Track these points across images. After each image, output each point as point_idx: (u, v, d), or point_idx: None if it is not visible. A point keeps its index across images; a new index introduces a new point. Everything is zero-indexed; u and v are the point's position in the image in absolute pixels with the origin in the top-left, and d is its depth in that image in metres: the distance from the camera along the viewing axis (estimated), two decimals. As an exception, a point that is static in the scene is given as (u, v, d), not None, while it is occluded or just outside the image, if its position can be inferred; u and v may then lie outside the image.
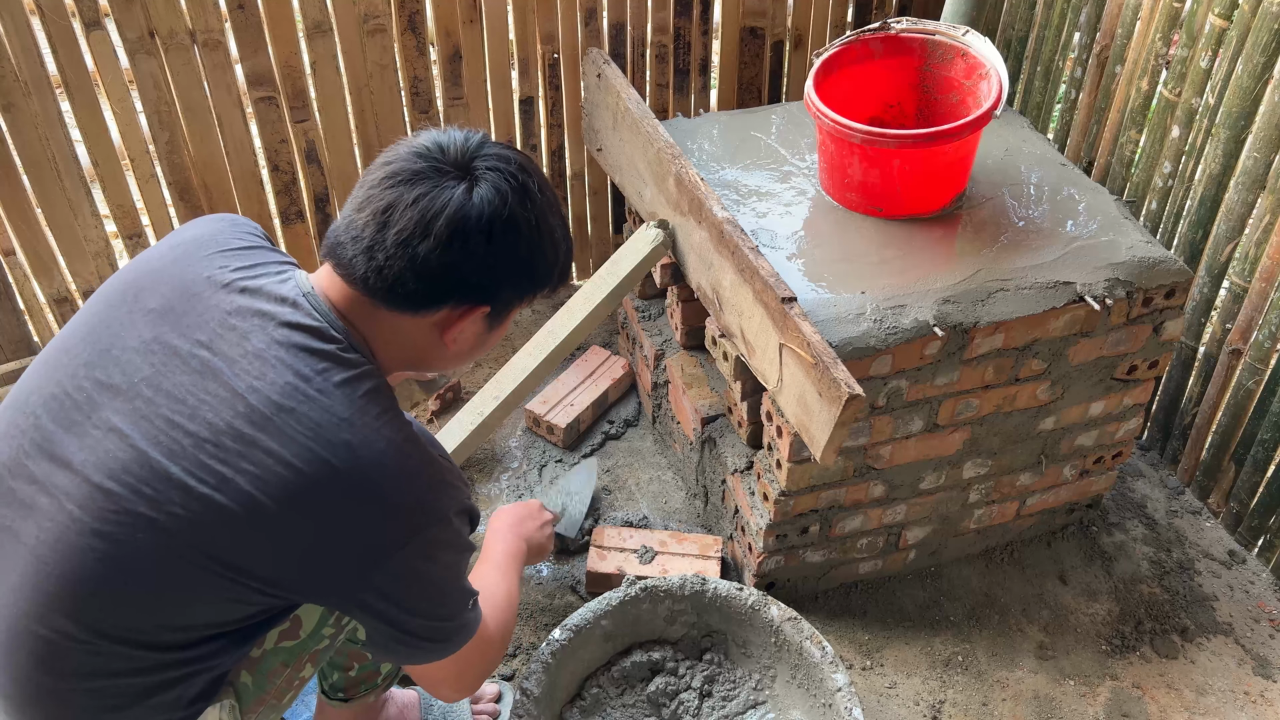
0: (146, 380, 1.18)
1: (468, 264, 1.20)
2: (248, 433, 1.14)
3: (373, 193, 1.20)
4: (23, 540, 1.17)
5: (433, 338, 1.26)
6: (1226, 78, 1.97)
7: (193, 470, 1.14)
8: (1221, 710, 1.96)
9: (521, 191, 1.22)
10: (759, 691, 1.83)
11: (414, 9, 2.23)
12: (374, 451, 1.17)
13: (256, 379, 1.16)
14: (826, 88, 1.99)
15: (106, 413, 1.18)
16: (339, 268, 1.22)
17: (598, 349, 2.57)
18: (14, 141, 2.08)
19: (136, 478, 1.14)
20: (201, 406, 1.16)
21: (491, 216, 1.19)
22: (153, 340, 1.20)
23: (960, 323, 1.76)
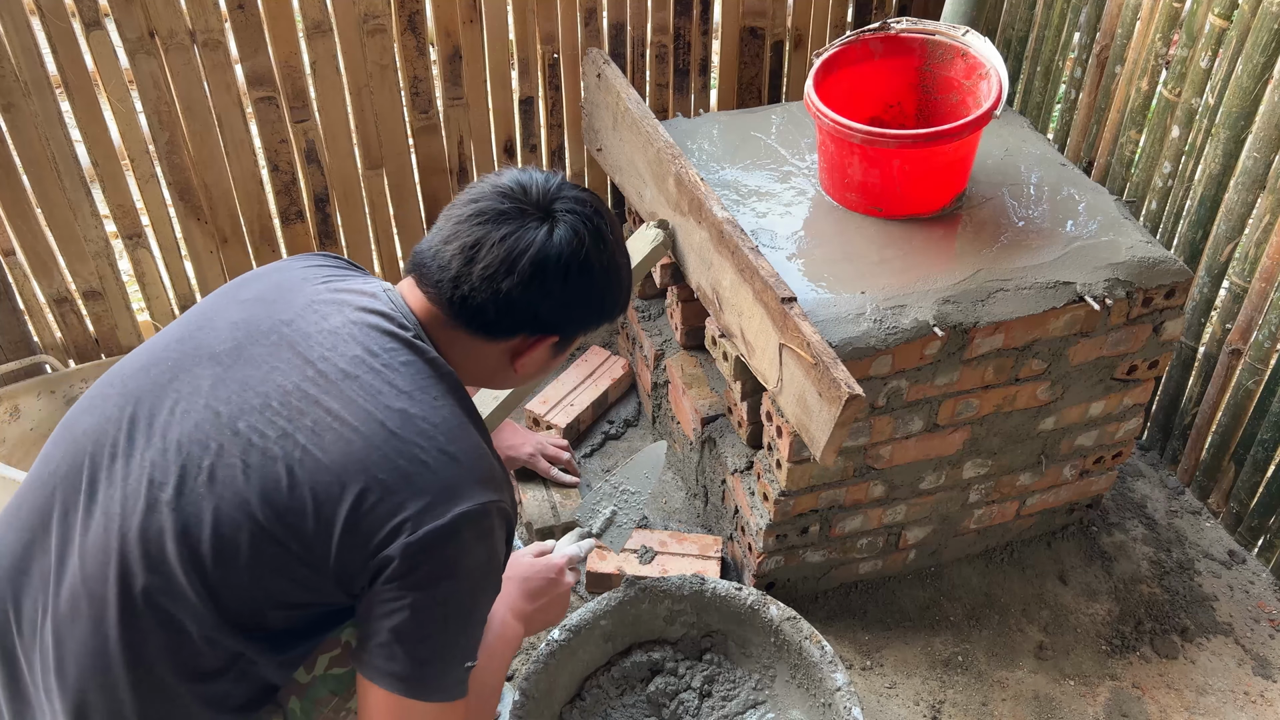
0: (228, 351, 1.26)
1: (545, 301, 1.29)
2: (312, 393, 1.21)
3: (460, 228, 1.28)
4: (102, 502, 1.22)
5: (503, 362, 1.35)
6: (1226, 78, 1.97)
7: (257, 426, 1.20)
8: (1221, 710, 1.96)
9: (596, 235, 1.32)
10: (759, 691, 1.83)
11: (414, 9, 2.23)
12: (428, 424, 1.22)
13: (328, 350, 1.25)
14: (826, 88, 1.99)
15: (187, 378, 1.25)
16: (424, 287, 1.30)
17: (598, 349, 2.57)
18: (14, 141, 2.09)
19: (206, 435, 1.21)
20: (274, 372, 1.23)
21: (569, 258, 1.28)
22: (241, 320, 1.29)
23: (960, 323, 1.76)
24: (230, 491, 1.18)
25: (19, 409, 2.25)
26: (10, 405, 2.23)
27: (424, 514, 1.18)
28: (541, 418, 2.37)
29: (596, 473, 2.34)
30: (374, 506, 1.18)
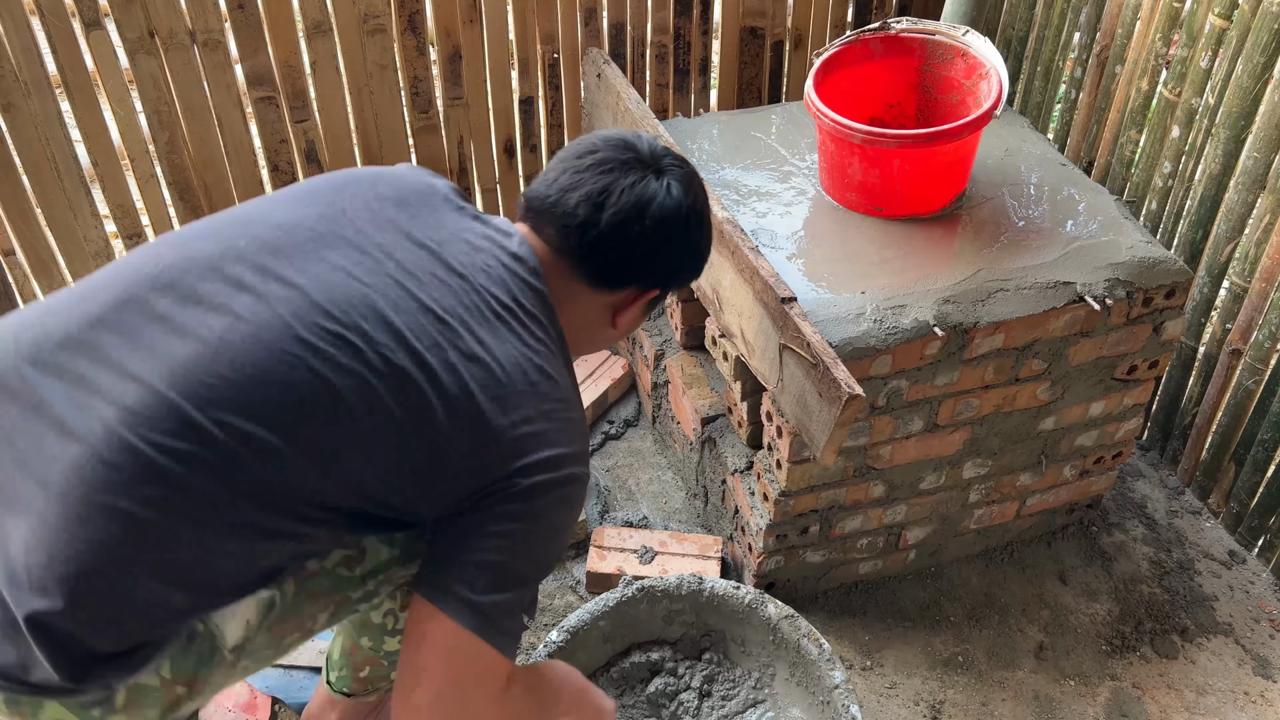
0: (379, 245, 1.25)
1: (667, 249, 1.35)
2: (469, 321, 1.23)
3: (582, 176, 1.32)
4: (201, 331, 1.15)
5: (605, 316, 1.41)
6: (1226, 78, 1.97)
7: (412, 328, 1.19)
8: (1221, 710, 1.96)
9: (703, 191, 1.41)
10: (758, 690, 1.83)
11: (414, 9, 2.23)
12: (564, 388, 1.28)
13: (484, 283, 1.26)
14: (826, 88, 1.99)
15: (335, 255, 1.22)
16: (544, 233, 1.34)
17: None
18: (14, 141, 2.08)
19: (358, 313, 1.18)
20: (431, 284, 1.23)
21: (689, 210, 1.36)
22: (388, 221, 1.28)
23: (960, 323, 1.76)
24: (373, 378, 1.16)
25: (19, 409, 2.24)
26: (10, 405, 2.23)
27: (555, 461, 1.23)
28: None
29: (596, 471, 2.34)
30: (508, 443, 1.21)
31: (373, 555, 1.33)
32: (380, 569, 1.35)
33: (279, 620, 1.28)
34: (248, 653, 1.27)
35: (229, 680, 1.30)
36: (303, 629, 1.33)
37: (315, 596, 1.30)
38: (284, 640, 1.32)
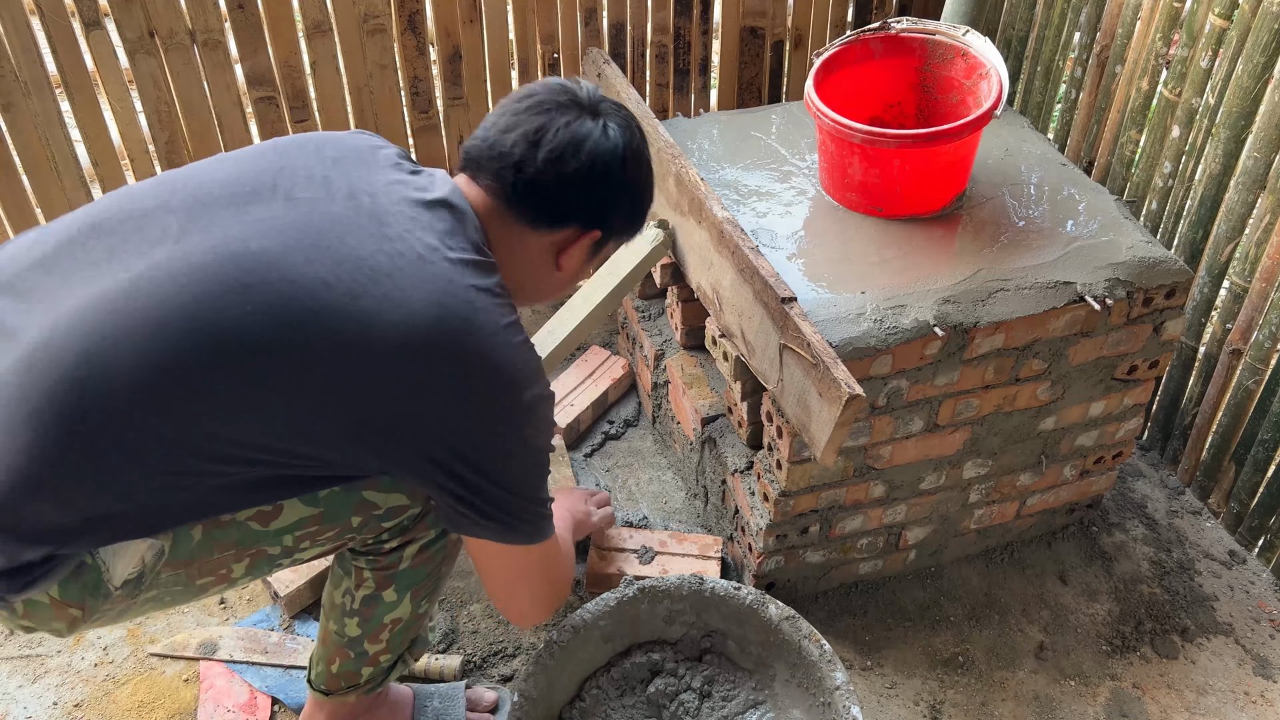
0: (312, 200, 1.29)
1: (602, 185, 1.37)
2: (385, 266, 1.24)
3: (519, 118, 1.35)
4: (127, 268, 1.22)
5: (548, 258, 1.43)
6: (1227, 78, 1.97)
7: (326, 276, 1.21)
8: (1221, 710, 1.96)
9: (640, 135, 1.43)
10: (758, 691, 1.83)
11: (414, 9, 2.24)
12: (491, 316, 1.28)
13: (406, 231, 1.27)
14: (826, 88, 1.99)
15: (262, 209, 1.27)
16: (482, 179, 1.37)
17: (598, 349, 2.57)
18: (14, 141, 2.09)
19: (269, 264, 1.21)
20: (351, 232, 1.26)
21: (625, 150, 1.38)
22: (323, 177, 1.32)
23: (960, 323, 1.76)
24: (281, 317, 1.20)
25: (19, 409, 2.24)
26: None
27: (487, 398, 1.27)
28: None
29: (597, 472, 2.34)
30: (433, 379, 1.24)
31: (290, 511, 1.36)
32: (298, 525, 1.37)
33: (186, 562, 1.32)
34: (152, 588, 1.32)
35: (136, 611, 1.36)
36: (217, 575, 1.37)
37: (225, 545, 1.34)
38: (196, 582, 1.37)
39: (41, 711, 1.89)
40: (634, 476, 2.34)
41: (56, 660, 1.96)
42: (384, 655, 1.61)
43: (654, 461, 2.38)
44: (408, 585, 1.55)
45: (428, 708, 1.85)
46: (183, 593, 1.38)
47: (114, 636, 1.99)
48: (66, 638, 1.45)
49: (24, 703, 1.90)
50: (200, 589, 1.39)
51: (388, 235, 1.26)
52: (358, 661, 1.60)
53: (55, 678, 1.94)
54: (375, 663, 1.61)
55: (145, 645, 1.98)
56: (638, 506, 2.27)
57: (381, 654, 1.61)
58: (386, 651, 1.61)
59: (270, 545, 1.38)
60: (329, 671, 1.63)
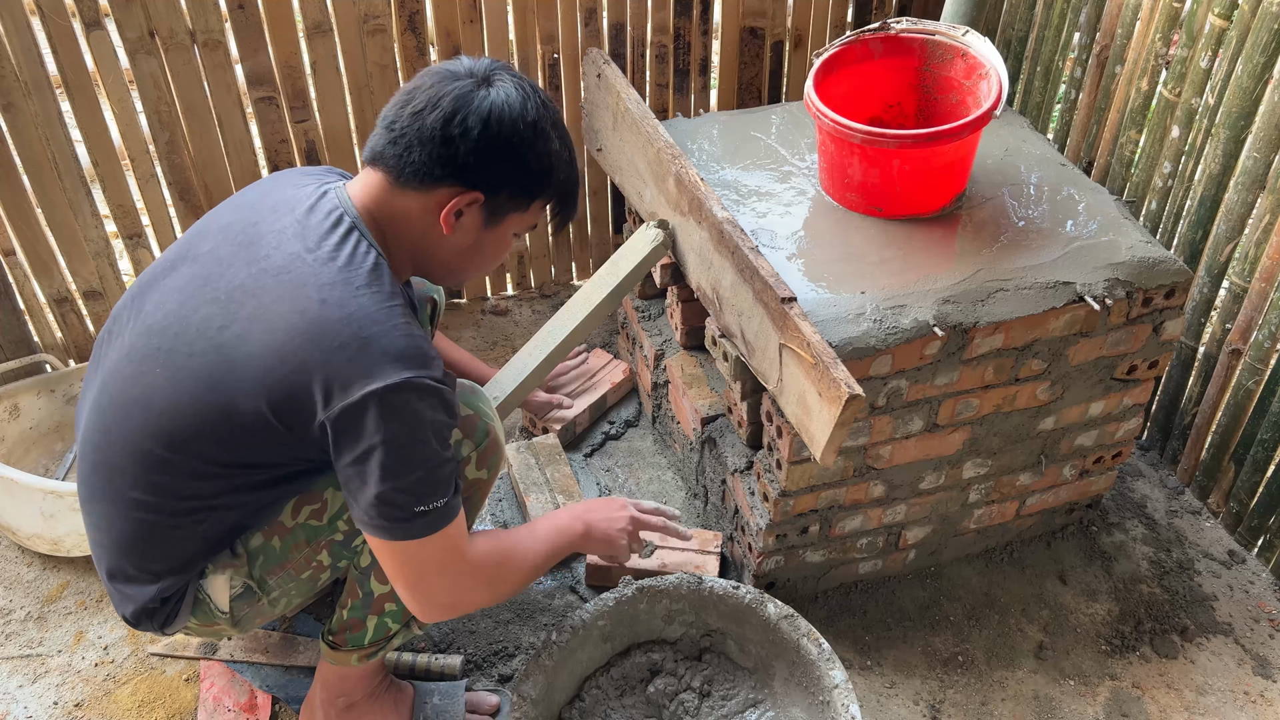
0: (210, 251, 1.45)
1: (464, 140, 1.38)
2: (251, 286, 1.38)
3: (403, 89, 1.44)
4: (102, 365, 1.50)
5: (429, 219, 1.44)
6: (1226, 78, 1.97)
7: (209, 317, 1.39)
8: (1221, 710, 1.96)
9: (527, 96, 1.43)
10: (758, 690, 1.83)
11: (414, 9, 2.24)
12: (344, 312, 1.33)
13: (273, 249, 1.40)
14: (826, 88, 1.99)
15: (177, 275, 1.46)
16: (367, 155, 1.45)
17: (599, 351, 2.57)
18: (14, 141, 2.09)
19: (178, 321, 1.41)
20: (232, 268, 1.41)
21: (494, 105, 1.40)
22: (228, 224, 1.47)
23: (960, 323, 1.77)
24: (181, 374, 1.39)
25: (19, 408, 2.25)
26: (10, 404, 2.24)
27: (340, 392, 1.32)
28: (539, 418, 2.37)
29: (597, 472, 2.34)
30: (296, 388, 1.33)
31: (333, 501, 1.51)
32: (345, 509, 1.52)
33: (280, 566, 1.53)
34: (268, 592, 1.56)
35: (274, 610, 1.60)
36: (313, 567, 1.56)
37: (301, 545, 1.53)
38: (301, 576, 1.57)
39: (42, 711, 1.89)
40: (634, 476, 2.34)
41: (57, 660, 1.96)
42: (389, 604, 1.61)
43: (654, 461, 2.38)
44: None
45: (427, 704, 1.85)
46: (298, 586, 1.58)
47: (114, 636, 2.00)
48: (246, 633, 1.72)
49: (24, 702, 1.90)
50: (311, 580, 1.58)
51: (254, 257, 1.40)
52: (365, 605, 1.62)
53: (56, 677, 1.94)
54: (380, 610, 1.62)
55: (146, 645, 1.98)
56: (638, 506, 2.27)
57: (387, 600, 1.61)
58: (391, 600, 1.61)
59: (333, 534, 1.54)
60: (341, 617, 1.65)
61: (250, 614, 1.59)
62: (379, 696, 1.78)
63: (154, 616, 1.53)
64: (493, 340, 2.69)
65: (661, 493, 2.30)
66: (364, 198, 1.45)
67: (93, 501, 1.50)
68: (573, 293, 2.06)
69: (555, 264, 2.81)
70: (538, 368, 1.97)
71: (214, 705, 1.86)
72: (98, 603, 2.05)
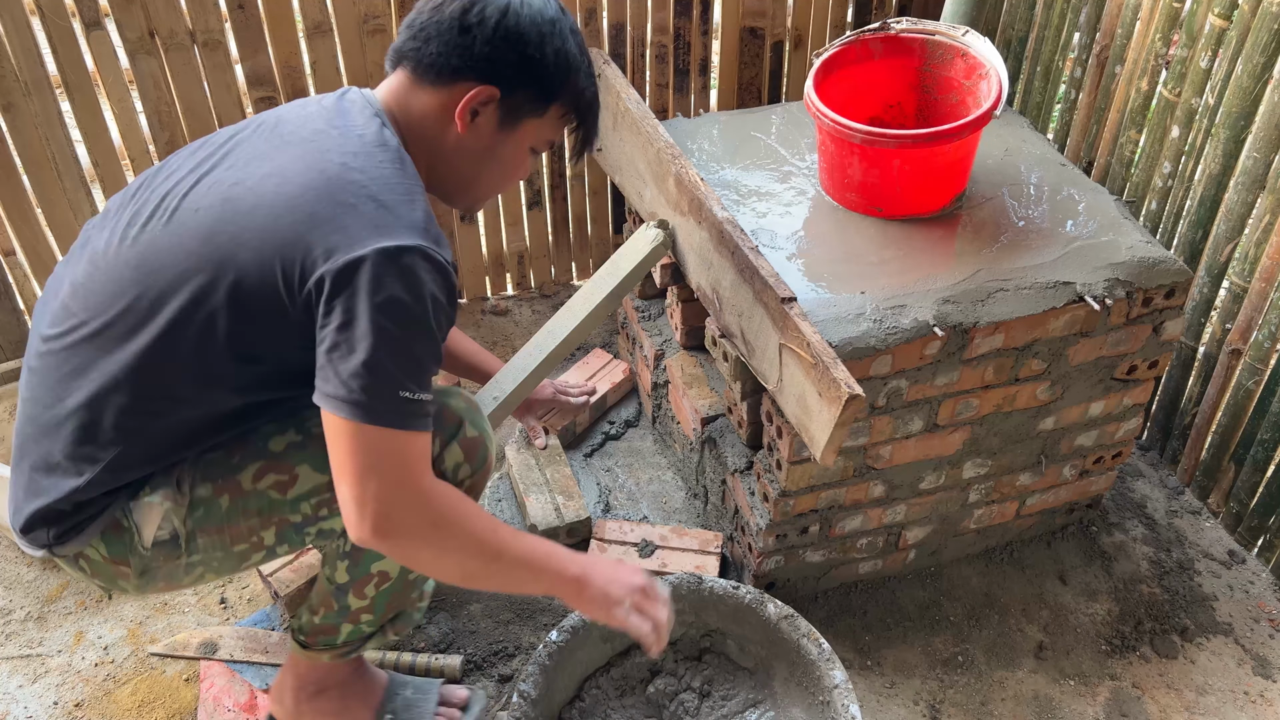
0: (229, 135, 1.44)
1: (480, 29, 1.36)
2: (268, 152, 1.36)
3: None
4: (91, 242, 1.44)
5: (448, 118, 1.41)
6: (1226, 78, 1.97)
7: (220, 178, 1.36)
8: (1221, 710, 1.96)
9: (553, 5, 1.41)
10: (758, 690, 1.83)
11: (414, 9, 2.24)
12: (365, 176, 1.31)
13: (298, 126, 1.39)
14: (826, 88, 1.99)
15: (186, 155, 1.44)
16: (390, 55, 1.45)
17: (599, 351, 2.57)
18: (14, 141, 2.09)
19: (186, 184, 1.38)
20: (251, 142, 1.39)
21: (526, 4, 1.38)
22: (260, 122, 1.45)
23: (960, 323, 1.77)
24: (183, 230, 1.34)
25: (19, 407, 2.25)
26: (10, 404, 2.24)
27: (346, 246, 1.26)
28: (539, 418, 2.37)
29: (597, 472, 2.34)
30: (305, 239, 1.28)
31: (305, 479, 1.44)
32: (315, 492, 1.45)
33: (218, 529, 1.44)
34: (194, 553, 1.46)
35: (189, 576, 1.50)
36: (251, 543, 1.48)
37: (250, 513, 1.45)
38: (234, 549, 1.48)
39: (42, 711, 1.89)
40: (634, 476, 2.34)
41: (57, 660, 1.97)
42: (365, 615, 1.60)
43: (654, 461, 2.38)
44: None
45: (398, 695, 1.81)
46: (224, 559, 1.49)
47: (114, 636, 2.00)
48: (143, 596, 1.62)
49: (24, 702, 1.90)
50: (241, 556, 1.49)
51: (278, 134, 1.39)
52: (340, 615, 1.60)
53: (56, 677, 1.94)
54: (356, 620, 1.61)
55: (146, 645, 1.98)
56: (638, 506, 2.27)
57: (364, 612, 1.60)
58: (369, 611, 1.60)
59: (291, 513, 1.46)
60: (312, 621, 1.63)
61: (161, 569, 1.46)
62: (350, 684, 1.76)
63: (58, 522, 1.40)
64: (493, 340, 2.69)
65: (661, 493, 2.31)
66: (386, 96, 1.44)
67: (46, 373, 1.40)
68: (573, 293, 2.06)
69: (555, 264, 2.81)
70: (537, 368, 1.97)
71: (214, 705, 1.86)
72: (98, 603, 2.05)
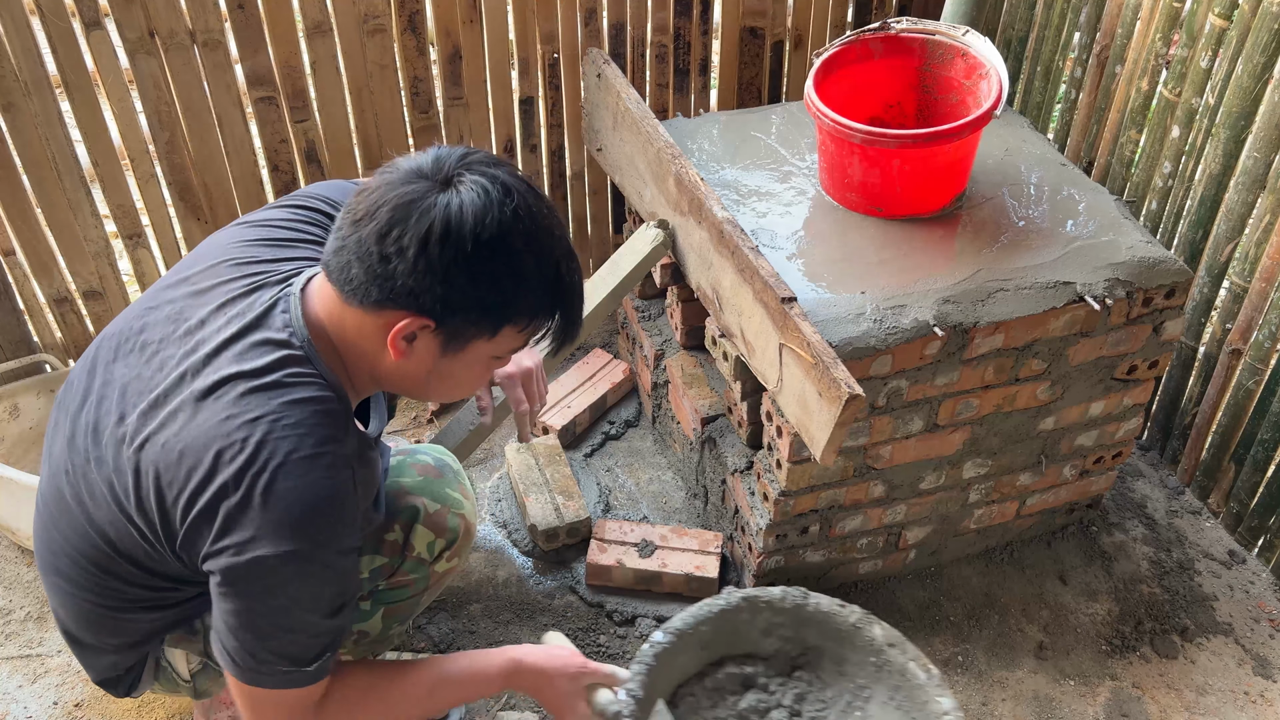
0: (154, 344, 1.30)
1: (400, 260, 1.15)
2: (174, 406, 1.23)
3: (360, 186, 1.26)
4: (51, 447, 1.41)
5: (377, 340, 1.23)
6: (1226, 78, 1.97)
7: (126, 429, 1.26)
8: (1221, 710, 1.96)
9: (491, 204, 1.16)
10: (849, 712, 1.73)
11: (414, 9, 2.23)
12: (259, 462, 1.18)
13: (205, 367, 1.24)
14: (826, 88, 1.99)
15: (119, 364, 1.32)
16: (322, 259, 1.26)
17: (599, 351, 2.57)
18: (14, 141, 2.09)
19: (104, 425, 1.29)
20: (164, 379, 1.26)
21: (439, 219, 1.15)
22: (177, 310, 1.31)
23: (960, 323, 1.76)
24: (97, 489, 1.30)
25: (18, 407, 2.25)
26: (10, 404, 2.24)
27: (232, 548, 1.19)
28: (538, 418, 2.37)
29: (597, 472, 2.34)
30: (194, 525, 1.20)
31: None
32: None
33: None
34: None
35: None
36: None
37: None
38: None
39: (41, 711, 1.89)
40: (634, 477, 2.34)
41: (57, 660, 1.96)
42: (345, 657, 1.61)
43: (654, 461, 2.38)
44: (383, 601, 1.58)
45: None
46: None
47: (114, 636, 2.00)
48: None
49: (24, 702, 1.90)
50: None
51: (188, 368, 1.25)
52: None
53: (55, 677, 1.94)
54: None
55: (145, 645, 1.98)
56: (638, 506, 2.27)
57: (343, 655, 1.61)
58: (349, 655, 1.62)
59: None
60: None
61: (211, 686, 1.55)
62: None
63: (118, 684, 1.50)
64: (493, 340, 2.69)
65: (661, 493, 2.30)
66: (319, 310, 1.26)
67: (45, 574, 1.44)
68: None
69: (555, 264, 2.81)
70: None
71: (213, 704, 1.86)
72: (98, 603, 2.05)
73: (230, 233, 1.41)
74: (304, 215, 1.43)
